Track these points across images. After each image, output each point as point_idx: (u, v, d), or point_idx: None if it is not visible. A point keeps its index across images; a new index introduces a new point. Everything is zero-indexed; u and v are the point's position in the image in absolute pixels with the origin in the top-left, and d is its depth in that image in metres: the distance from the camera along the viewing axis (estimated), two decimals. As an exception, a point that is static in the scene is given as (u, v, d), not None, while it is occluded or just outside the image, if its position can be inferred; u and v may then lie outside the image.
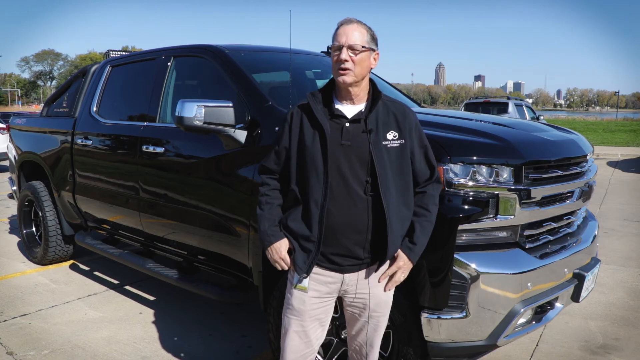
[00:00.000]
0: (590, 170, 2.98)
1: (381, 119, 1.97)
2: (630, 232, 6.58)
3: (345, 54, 1.89)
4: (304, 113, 1.99)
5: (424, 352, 2.40)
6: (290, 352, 2.07)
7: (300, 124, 1.98)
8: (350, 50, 1.90)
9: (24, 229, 5.57)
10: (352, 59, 1.90)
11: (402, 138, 1.98)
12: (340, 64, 1.90)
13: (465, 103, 16.18)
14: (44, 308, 4.17)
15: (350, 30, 1.92)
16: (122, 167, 4.05)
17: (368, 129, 1.93)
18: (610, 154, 17.40)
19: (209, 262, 3.56)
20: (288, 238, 2.01)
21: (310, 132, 1.95)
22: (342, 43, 1.91)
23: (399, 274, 2.01)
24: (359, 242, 1.95)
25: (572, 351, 3.38)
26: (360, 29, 1.94)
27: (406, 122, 2.00)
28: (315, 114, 1.94)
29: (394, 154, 1.95)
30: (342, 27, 1.94)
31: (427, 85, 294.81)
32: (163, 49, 4.11)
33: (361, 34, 1.93)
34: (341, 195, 1.91)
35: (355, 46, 1.90)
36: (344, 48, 1.90)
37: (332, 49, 1.95)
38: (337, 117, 1.96)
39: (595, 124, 39.66)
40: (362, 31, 1.93)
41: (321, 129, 1.92)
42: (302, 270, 1.96)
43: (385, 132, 1.96)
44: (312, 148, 1.93)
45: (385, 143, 1.94)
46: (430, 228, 2.04)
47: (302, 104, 2.01)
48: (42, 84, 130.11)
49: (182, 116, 2.87)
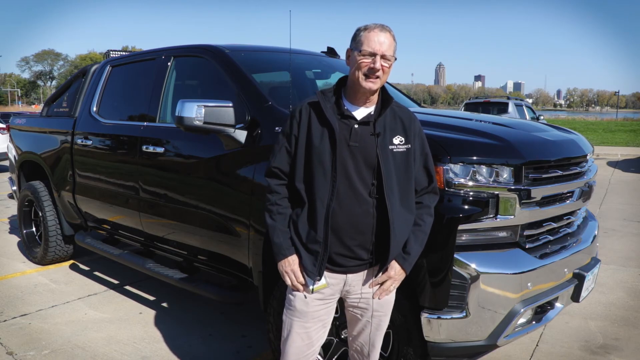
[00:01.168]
0: (590, 170, 2.98)
1: (389, 123, 1.97)
2: (630, 232, 6.58)
3: (379, 63, 1.89)
4: (312, 110, 1.97)
5: (424, 352, 2.40)
6: (293, 354, 2.06)
7: (308, 121, 1.96)
8: (383, 59, 1.90)
9: (24, 229, 5.57)
10: (384, 69, 1.91)
11: (408, 143, 1.98)
12: (373, 71, 1.89)
13: (465, 103, 16.18)
14: (44, 308, 4.17)
15: (386, 38, 1.91)
16: (122, 167, 4.05)
17: (376, 132, 1.93)
18: (610, 154, 17.40)
19: (209, 262, 3.56)
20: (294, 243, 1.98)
21: (319, 130, 1.94)
22: (376, 51, 1.89)
23: (388, 283, 2.00)
24: (362, 244, 1.95)
25: (572, 351, 3.38)
26: (392, 39, 1.93)
27: (412, 127, 2.01)
28: (325, 113, 1.93)
29: (400, 158, 1.96)
30: (376, 33, 1.91)
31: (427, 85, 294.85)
32: (163, 49, 4.11)
33: (392, 45, 1.93)
34: (347, 196, 1.91)
35: (389, 57, 1.91)
36: (377, 56, 1.89)
37: (360, 53, 1.90)
38: (347, 118, 1.95)
39: (595, 124, 39.67)
40: (392, 42, 1.94)
41: (331, 128, 1.91)
42: (314, 274, 1.94)
43: (392, 136, 1.96)
44: (320, 146, 1.92)
45: (391, 147, 1.95)
46: (425, 238, 2.04)
47: (311, 101, 1.99)
48: (42, 84, 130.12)
49: (182, 116, 2.87)
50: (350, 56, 1.97)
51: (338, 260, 1.96)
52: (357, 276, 2.01)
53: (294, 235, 1.98)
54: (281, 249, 1.97)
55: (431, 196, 2.09)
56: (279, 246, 1.98)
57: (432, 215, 2.07)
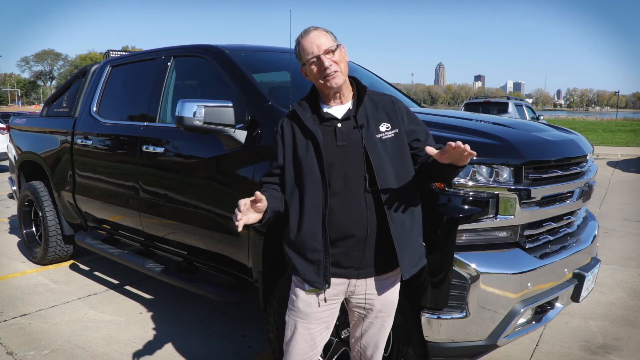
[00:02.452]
0: (590, 170, 2.98)
1: (370, 113, 1.97)
2: (630, 232, 6.58)
3: (326, 60, 1.90)
4: (294, 123, 1.98)
5: (424, 352, 2.40)
6: (296, 355, 2.04)
7: (292, 134, 1.97)
8: (327, 54, 1.91)
9: (24, 229, 5.57)
10: (334, 61, 1.91)
11: (395, 128, 1.97)
12: (326, 71, 1.90)
13: (465, 103, 16.18)
14: (44, 308, 4.17)
15: (315, 37, 1.93)
16: (122, 167, 4.05)
17: (359, 124, 1.93)
18: (610, 154, 17.40)
19: (209, 262, 3.56)
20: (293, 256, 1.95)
21: (303, 142, 1.94)
22: (316, 52, 1.91)
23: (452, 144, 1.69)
24: (364, 241, 1.92)
25: (572, 351, 3.38)
26: (321, 32, 1.95)
27: (395, 110, 2.01)
28: (305, 123, 1.94)
29: (390, 144, 1.95)
30: (305, 39, 1.94)
31: (427, 85, 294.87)
32: (163, 49, 4.11)
33: (326, 37, 1.94)
34: (343, 197, 1.90)
35: (330, 48, 1.91)
36: (321, 56, 1.90)
37: (306, 64, 1.94)
38: (328, 120, 1.95)
39: (595, 124, 39.65)
40: (324, 34, 1.95)
41: (313, 138, 1.91)
42: (320, 283, 1.91)
43: (377, 124, 1.95)
44: (307, 157, 1.91)
45: (379, 136, 1.94)
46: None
47: (290, 113, 2.01)
48: (42, 84, 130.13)
49: (182, 116, 2.87)
50: (304, 72, 1.98)
51: (342, 262, 1.94)
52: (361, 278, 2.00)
53: (290, 251, 1.95)
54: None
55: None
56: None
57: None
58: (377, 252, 1.95)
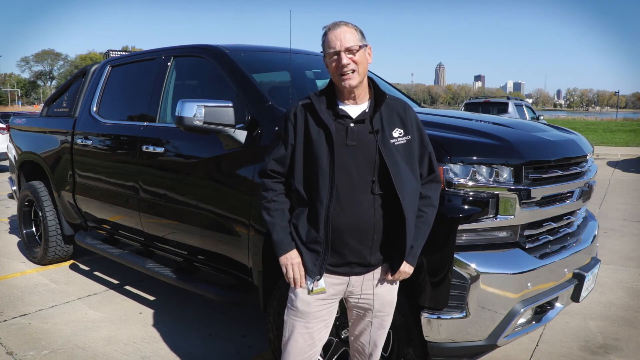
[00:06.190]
0: (590, 170, 2.98)
1: (385, 118, 1.96)
2: (630, 232, 6.58)
3: (345, 58, 1.88)
4: (308, 112, 1.97)
5: (424, 352, 2.40)
6: (295, 355, 2.05)
7: (305, 123, 1.96)
8: (348, 52, 1.89)
9: (24, 229, 5.57)
10: (353, 60, 1.89)
11: (407, 134, 1.98)
12: (343, 68, 1.89)
13: (465, 103, 16.19)
14: (44, 308, 4.17)
15: (342, 33, 1.90)
16: (122, 167, 4.05)
17: (375, 129, 1.93)
18: (610, 154, 17.40)
19: (208, 262, 3.56)
20: (295, 243, 1.98)
21: (315, 132, 1.93)
22: (338, 48, 1.89)
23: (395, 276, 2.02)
24: (365, 243, 1.94)
25: (572, 351, 3.38)
26: (350, 29, 1.93)
27: (408, 117, 2.01)
28: (320, 114, 1.93)
29: (403, 150, 1.95)
30: (332, 32, 1.92)
31: (427, 85, 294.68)
32: (163, 49, 4.11)
33: (352, 34, 1.92)
34: (347, 196, 1.90)
35: (352, 48, 1.89)
36: (341, 52, 1.89)
37: (327, 57, 1.93)
38: (342, 118, 1.95)
39: (595, 124, 39.67)
40: (352, 31, 1.93)
41: (327, 129, 1.91)
42: (315, 272, 1.94)
43: (391, 130, 1.95)
44: (318, 148, 1.91)
45: (392, 141, 1.94)
46: (428, 230, 2.02)
47: (305, 103, 1.99)
48: (42, 84, 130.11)
49: (182, 116, 2.87)
50: (326, 63, 1.97)
51: (341, 261, 1.96)
52: (359, 277, 2.01)
53: (294, 235, 1.98)
54: (282, 244, 1.97)
55: (432, 185, 2.06)
56: (280, 242, 1.97)
57: (435, 206, 2.05)
58: (377, 253, 1.97)
